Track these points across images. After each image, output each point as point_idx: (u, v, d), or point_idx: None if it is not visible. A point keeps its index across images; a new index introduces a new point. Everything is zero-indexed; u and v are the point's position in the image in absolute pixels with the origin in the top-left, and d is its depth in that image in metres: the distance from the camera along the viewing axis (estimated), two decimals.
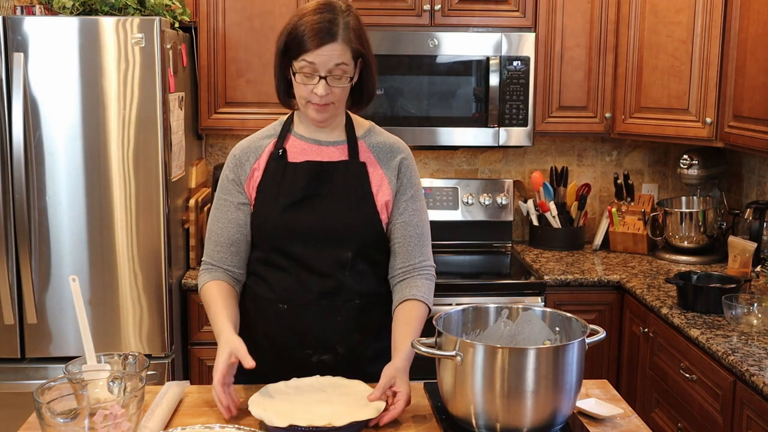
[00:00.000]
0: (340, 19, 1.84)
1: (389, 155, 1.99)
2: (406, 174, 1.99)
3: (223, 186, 1.99)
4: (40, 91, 2.76)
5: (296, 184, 1.93)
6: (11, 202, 2.78)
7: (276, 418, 1.62)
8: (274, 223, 1.93)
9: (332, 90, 1.85)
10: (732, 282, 2.72)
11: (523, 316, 1.79)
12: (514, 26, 3.36)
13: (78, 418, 1.44)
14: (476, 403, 1.60)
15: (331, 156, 1.96)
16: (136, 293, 2.86)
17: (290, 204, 1.92)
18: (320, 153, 1.96)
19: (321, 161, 1.95)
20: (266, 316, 1.96)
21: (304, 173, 1.93)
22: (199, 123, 3.35)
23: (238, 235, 1.97)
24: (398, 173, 1.98)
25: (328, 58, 1.82)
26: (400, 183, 1.98)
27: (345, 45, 1.83)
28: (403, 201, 1.97)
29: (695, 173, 3.40)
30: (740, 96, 2.90)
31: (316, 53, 1.81)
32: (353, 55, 1.86)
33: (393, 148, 2.00)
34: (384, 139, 2.02)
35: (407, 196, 1.98)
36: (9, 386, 2.85)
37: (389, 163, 1.98)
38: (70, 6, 2.81)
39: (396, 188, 1.97)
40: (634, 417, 1.78)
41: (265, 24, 3.29)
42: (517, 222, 3.80)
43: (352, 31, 1.85)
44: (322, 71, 1.83)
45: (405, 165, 1.99)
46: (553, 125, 3.43)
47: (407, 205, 1.97)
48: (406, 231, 1.96)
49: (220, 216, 1.98)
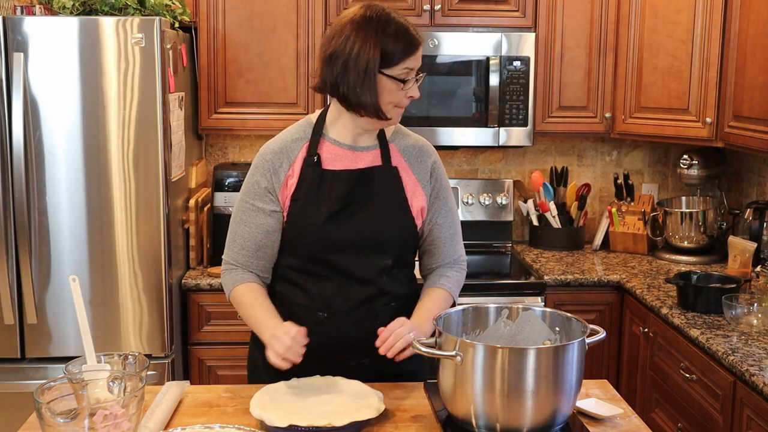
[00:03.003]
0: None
1: (420, 159, 1.99)
2: (438, 178, 2.01)
3: (254, 192, 1.92)
4: (40, 91, 2.76)
5: (335, 194, 1.89)
6: (11, 202, 2.78)
7: (276, 418, 1.62)
8: (313, 233, 1.89)
9: None
10: (732, 282, 2.72)
11: (523, 316, 1.79)
12: (514, 26, 3.36)
13: (78, 418, 1.44)
14: (476, 403, 1.60)
15: (365, 161, 1.94)
16: (136, 293, 2.86)
17: (330, 214, 1.89)
18: (355, 159, 1.94)
19: (358, 169, 1.93)
20: (304, 324, 1.83)
21: (343, 182, 1.90)
22: (199, 123, 3.35)
23: (266, 242, 1.93)
24: (430, 177, 1.99)
25: (420, 59, 1.88)
26: (432, 187, 1.99)
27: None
28: (436, 204, 1.99)
29: (695, 173, 3.40)
30: (740, 96, 2.90)
31: (417, 56, 1.86)
32: None
33: (422, 152, 2.01)
34: (413, 141, 2.02)
35: (441, 200, 2.00)
36: (9, 386, 2.85)
37: (421, 167, 1.98)
38: (70, 6, 2.81)
39: (429, 193, 1.99)
40: (634, 417, 1.78)
41: (265, 24, 3.29)
42: (517, 222, 3.80)
43: None
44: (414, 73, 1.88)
45: (435, 168, 2.01)
46: (553, 125, 3.44)
47: (440, 208, 2.00)
48: (440, 233, 2.00)
49: (247, 220, 1.93)
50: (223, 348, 3.10)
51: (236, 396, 1.86)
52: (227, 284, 1.95)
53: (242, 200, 1.95)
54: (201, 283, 3.06)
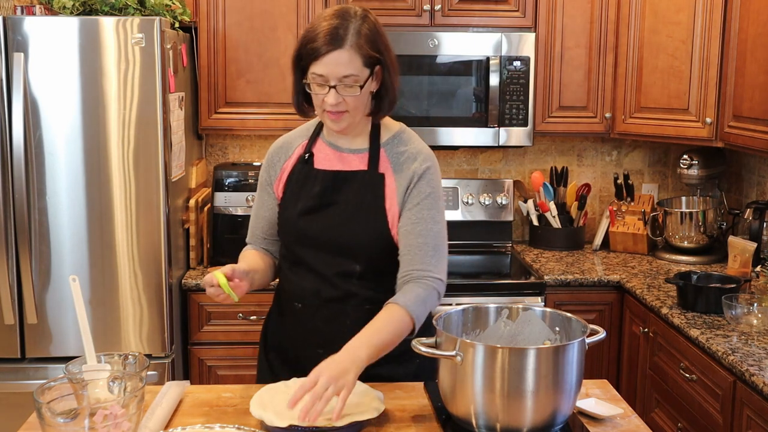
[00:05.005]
0: (351, 26, 1.80)
1: (406, 167, 1.92)
2: (422, 186, 1.90)
3: (260, 184, 2.07)
4: (40, 91, 2.76)
5: (313, 192, 1.94)
6: (11, 202, 2.78)
7: (276, 418, 1.61)
8: (290, 226, 1.97)
9: (344, 99, 1.83)
10: (732, 282, 2.72)
11: (523, 316, 1.79)
12: (514, 26, 3.36)
13: (78, 418, 1.44)
14: (476, 403, 1.60)
15: (351, 164, 1.95)
16: (136, 293, 2.86)
17: (305, 211, 1.94)
18: (341, 160, 1.96)
19: (337, 170, 1.94)
20: (287, 311, 2.02)
21: (321, 181, 1.94)
22: (199, 123, 3.35)
23: (273, 230, 2.05)
24: (412, 184, 1.90)
25: (336, 67, 1.79)
26: (411, 194, 1.90)
27: (353, 52, 1.79)
28: (407, 209, 1.90)
29: (695, 173, 3.40)
30: (740, 96, 2.90)
31: (323, 62, 1.79)
32: (365, 62, 1.81)
33: (411, 159, 1.93)
34: (406, 149, 1.95)
35: (413, 204, 1.89)
36: (9, 386, 2.85)
37: (404, 175, 1.91)
38: (70, 6, 2.81)
39: (403, 199, 1.90)
40: (634, 417, 1.78)
41: (265, 24, 3.29)
42: (517, 222, 3.80)
43: (363, 38, 1.80)
44: (332, 80, 1.81)
45: (424, 176, 1.91)
46: (553, 125, 3.44)
47: (411, 213, 1.89)
48: (408, 240, 1.88)
49: (256, 211, 2.08)
50: (223, 348, 3.10)
51: (236, 396, 1.86)
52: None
53: (257, 192, 2.10)
54: (201, 283, 3.06)
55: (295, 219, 1.95)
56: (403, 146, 1.96)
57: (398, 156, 1.94)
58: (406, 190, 1.91)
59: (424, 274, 1.85)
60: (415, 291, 1.83)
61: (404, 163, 1.93)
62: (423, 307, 1.82)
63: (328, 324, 1.94)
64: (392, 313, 1.79)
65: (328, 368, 1.63)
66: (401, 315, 1.79)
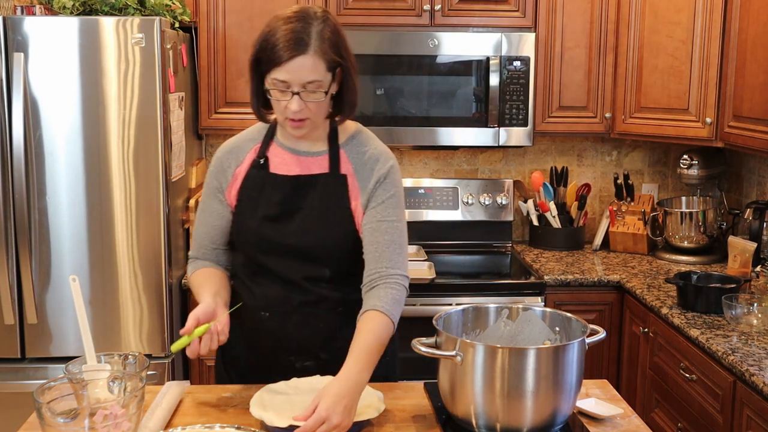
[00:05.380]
0: (313, 30, 1.75)
1: (368, 167, 1.90)
2: (386, 186, 1.89)
3: (208, 191, 1.98)
4: (40, 91, 2.76)
5: (274, 198, 1.89)
6: (11, 202, 2.78)
7: (276, 418, 1.62)
8: (251, 235, 1.90)
9: (307, 105, 1.78)
10: (732, 282, 2.72)
11: (523, 316, 1.79)
12: (514, 26, 3.36)
13: (78, 418, 1.44)
14: (476, 403, 1.60)
15: (311, 168, 1.90)
16: (136, 293, 2.86)
17: (268, 218, 1.88)
18: (300, 164, 1.91)
19: (299, 175, 1.90)
20: (249, 323, 1.93)
21: (282, 187, 1.89)
22: (199, 123, 3.35)
23: (222, 240, 1.98)
24: (375, 185, 1.89)
25: (299, 73, 1.73)
26: (374, 194, 1.89)
27: (317, 58, 1.74)
28: (371, 207, 1.88)
29: (695, 173, 3.40)
30: (740, 96, 2.90)
31: (286, 68, 1.73)
32: (328, 66, 1.77)
33: (373, 161, 1.91)
34: (367, 149, 1.92)
35: (377, 202, 1.88)
36: (9, 386, 2.85)
37: (366, 176, 1.90)
38: (70, 6, 2.81)
39: (368, 199, 1.89)
40: (634, 417, 1.78)
41: (264, 24, 3.28)
42: (517, 222, 3.80)
43: (326, 42, 1.75)
44: (295, 87, 1.75)
45: (387, 176, 1.90)
46: (553, 125, 3.43)
47: (376, 212, 1.88)
48: (373, 237, 1.86)
49: (203, 220, 1.98)
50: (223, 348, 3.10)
51: (236, 396, 1.86)
52: (188, 274, 2.00)
53: (201, 200, 2.00)
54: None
55: (257, 226, 1.89)
56: (363, 146, 1.93)
57: (359, 156, 1.91)
58: (371, 190, 1.89)
59: (392, 272, 1.84)
60: (390, 293, 1.81)
61: (367, 163, 1.90)
62: (399, 307, 1.83)
63: (301, 330, 1.91)
64: (376, 321, 1.76)
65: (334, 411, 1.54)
66: (384, 322, 1.77)
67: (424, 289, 3.07)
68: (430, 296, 3.05)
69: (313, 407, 1.55)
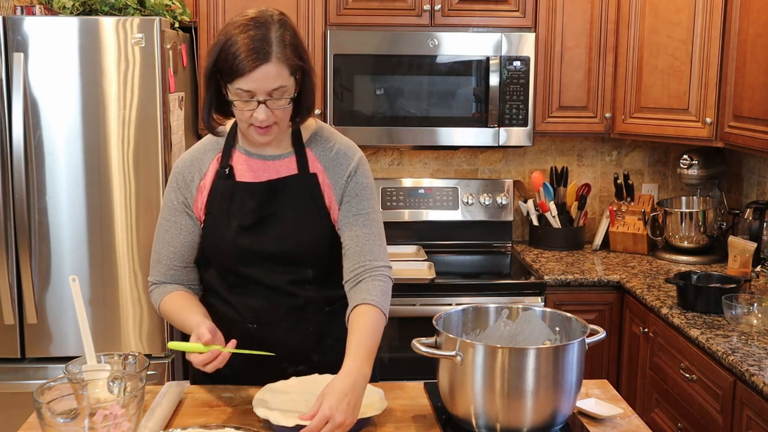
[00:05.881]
0: (273, 35, 1.70)
1: (337, 163, 1.89)
2: (357, 180, 1.88)
3: (171, 207, 1.89)
4: (40, 91, 2.76)
5: (247, 207, 1.84)
6: (11, 202, 2.78)
7: (282, 417, 1.62)
8: (227, 247, 1.85)
9: (273, 112, 1.74)
10: (732, 282, 2.72)
11: (523, 316, 1.79)
12: (514, 26, 3.36)
13: (78, 418, 1.44)
14: (476, 403, 1.60)
15: (279, 171, 1.87)
16: (136, 293, 2.86)
17: (243, 228, 1.84)
18: (267, 169, 1.87)
19: (270, 180, 1.86)
20: (236, 336, 1.77)
21: (254, 194, 1.85)
22: (199, 123, 3.35)
23: (192, 256, 1.91)
24: (347, 180, 1.88)
25: (264, 81, 1.69)
26: (348, 189, 1.88)
27: (281, 64, 1.70)
28: (345, 202, 1.87)
29: (695, 173, 3.40)
30: (740, 96, 2.90)
31: (251, 78, 1.68)
32: (291, 71, 1.73)
33: (341, 156, 1.90)
34: (332, 145, 1.91)
35: (351, 196, 1.87)
36: (9, 386, 2.85)
37: (337, 172, 1.88)
38: (70, 6, 2.81)
39: (341, 196, 1.87)
40: (634, 417, 1.78)
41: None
42: (517, 222, 3.80)
43: (288, 47, 1.71)
44: (260, 95, 1.71)
45: (357, 170, 1.89)
46: (553, 125, 3.44)
47: (351, 206, 1.87)
48: (352, 231, 1.85)
49: (170, 239, 1.89)
50: None
51: (236, 396, 1.86)
52: (156, 301, 1.91)
53: (162, 218, 1.91)
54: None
55: (233, 238, 1.84)
56: (328, 142, 1.91)
57: (326, 152, 1.89)
58: (344, 185, 1.87)
59: (375, 264, 1.84)
60: (377, 285, 1.81)
61: (335, 158, 1.89)
62: (387, 298, 1.82)
63: (291, 336, 1.89)
64: (369, 315, 1.76)
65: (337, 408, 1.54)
66: (377, 315, 1.77)
67: (424, 289, 3.07)
68: (430, 296, 3.05)
69: (318, 406, 1.55)
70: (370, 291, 1.79)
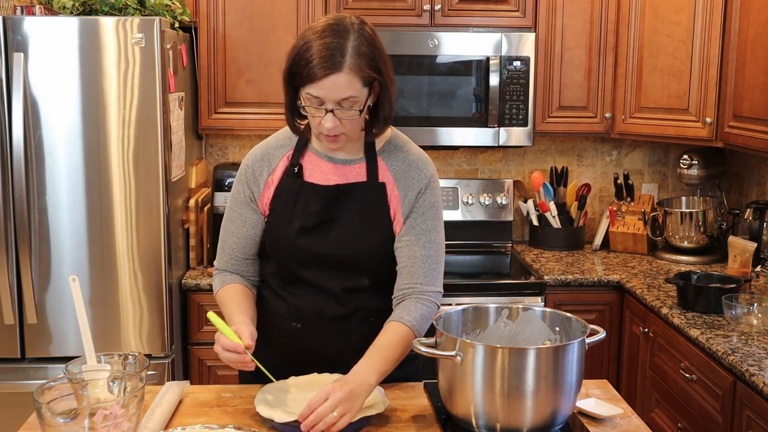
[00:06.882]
0: (349, 45, 1.68)
1: (409, 176, 1.86)
2: (427, 196, 1.86)
3: (238, 199, 1.91)
4: (40, 91, 2.76)
5: (311, 208, 1.84)
6: (11, 202, 2.78)
7: (285, 415, 1.62)
8: (287, 245, 1.86)
9: (341, 122, 1.73)
10: (732, 282, 2.72)
11: (523, 316, 1.79)
12: (514, 26, 3.36)
13: (78, 418, 1.44)
14: (476, 403, 1.60)
15: (348, 176, 1.86)
16: (136, 293, 2.86)
17: (305, 228, 1.84)
18: (337, 172, 1.86)
19: (338, 184, 1.85)
20: (280, 332, 1.90)
21: (319, 197, 1.84)
22: (199, 123, 3.35)
23: (254, 249, 1.93)
24: (417, 194, 1.86)
25: (333, 90, 1.68)
26: (416, 203, 1.86)
27: (353, 75, 1.68)
28: (411, 218, 1.85)
29: (695, 173, 3.40)
30: (740, 96, 2.90)
31: (320, 86, 1.68)
32: (364, 82, 1.70)
33: (413, 168, 1.87)
34: (405, 155, 1.88)
35: (418, 213, 1.85)
36: (9, 386, 2.85)
37: (409, 184, 1.86)
38: (70, 6, 2.82)
39: (409, 209, 1.85)
40: (634, 417, 1.78)
41: (265, 24, 3.29)
42: (517, 222, 3.80)
43: (363, 58, 1.69)
44: (329, 104, 1.70)
45: (428, 186, 1.87)
46: (553, 125, 3.44)
47: (416, 223, 1.85)
48: (411, 250, 1.84)
49: (234, 230, 1.91)
50: None
51: (236, 396, 1.86)
52: (215, 287, 1.94)
53: (230, 208, 1.93)
54: (201, 283, 3.06)
55: (293, 237, 1.84)
56: (401, 152, 1.89)
57: (398, 162, 1.88)
58: (414, 200, 1.86)
59: (426, 289, 1.83)
60: (420, 309, 1.81)
61: (407, 171, 1.87)
62: (426, 324, 1.82)
63: (333, 342, 1.89)
64: (400, 334, 1.76)
65: (339, 389, 1.59)
66: (408, 335, 1.77)
67: None
68: None
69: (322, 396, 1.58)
70: (411, 311, 1.80)
